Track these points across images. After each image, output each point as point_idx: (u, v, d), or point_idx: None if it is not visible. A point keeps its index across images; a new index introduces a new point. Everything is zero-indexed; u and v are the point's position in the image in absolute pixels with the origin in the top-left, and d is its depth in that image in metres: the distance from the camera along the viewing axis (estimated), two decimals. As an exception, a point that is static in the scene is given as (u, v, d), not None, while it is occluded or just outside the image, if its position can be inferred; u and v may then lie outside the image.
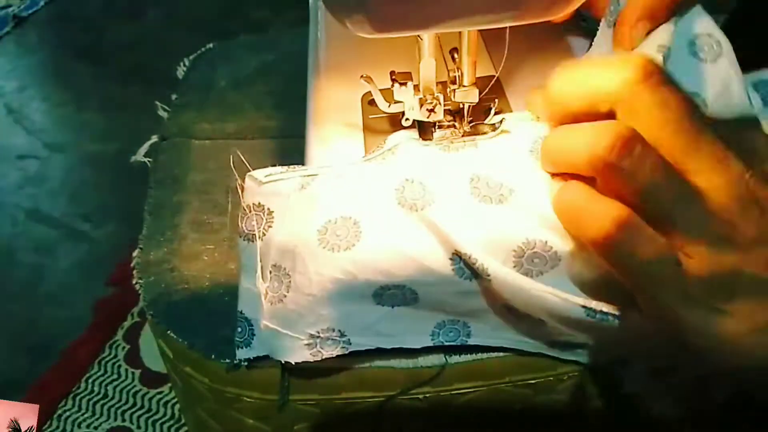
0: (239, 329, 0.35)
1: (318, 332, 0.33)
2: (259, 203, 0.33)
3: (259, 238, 0.33)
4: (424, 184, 0.31)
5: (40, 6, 1.77)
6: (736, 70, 0.35)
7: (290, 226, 0.32)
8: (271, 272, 0.33)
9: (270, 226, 0.33)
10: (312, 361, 0.33)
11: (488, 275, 0.30)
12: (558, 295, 0.30)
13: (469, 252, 0.30)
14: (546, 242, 0.30)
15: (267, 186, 0.33)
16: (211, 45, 0.66)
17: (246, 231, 0.34)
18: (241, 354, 0.36)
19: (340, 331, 0.33)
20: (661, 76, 0.26)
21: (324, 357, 0.33)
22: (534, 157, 0.31)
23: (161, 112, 0.59)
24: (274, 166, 0.35)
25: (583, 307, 0.30)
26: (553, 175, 0.30)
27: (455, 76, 0.33)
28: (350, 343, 0.33)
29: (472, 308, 0.33)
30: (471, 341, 0.34)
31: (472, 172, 0.31)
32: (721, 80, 0.34)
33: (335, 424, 0.38)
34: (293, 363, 0.33)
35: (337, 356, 0.33)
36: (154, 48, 1.56)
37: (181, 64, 0.64)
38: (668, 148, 0.26)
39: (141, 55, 1.55)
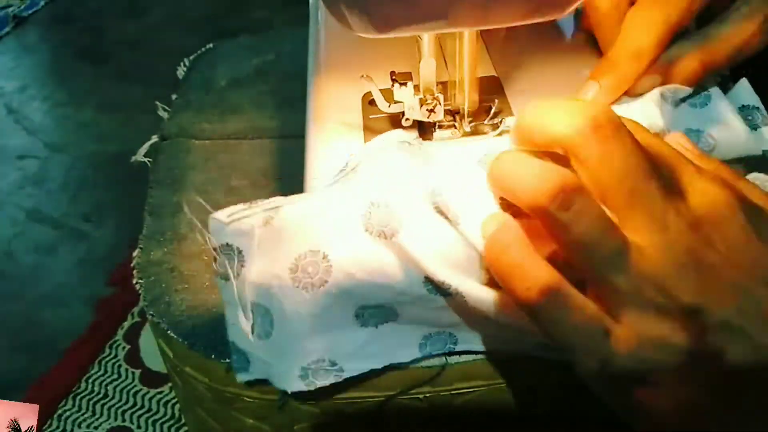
0: (234, 356, 0.35)
1: (309, 364, 0.33)
2: (227, 243, 0.32)
3: (234, 278, 0.33)
4: (390, 206, 0.30)
5: (40, 6, 1.77)
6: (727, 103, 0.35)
7: (261, 264, 0.32)
8: (252, 310, 0.33)
9: (242, 266, 0.32)
10: (307, 390, 0.33)
11: (463, 297, 0.30)
12: None
13: (441, 278, 0.30)
14: None
15: (231, 226, 0.32)
16: (211, 45, 0.66)
17: (220, 271, 0.33)
18: (241, 378, 0.36)
19: (330, 360, 0.33)
20: (610, 130, 0.26)
21: (318, 387, 0.33)
22: (483, 169, 0.30)
23: (161, 112, 0.59)
24: (275, 166, 0.35)
25: None
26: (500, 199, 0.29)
27: (455, 81, 0.33)
28: (343, 371, 0.33)
29: (453, 321, 0.33)
30: (458, 348, 0.35)
31: (433, 189, 0.30)
32: (718, 114, 0.35)
33: (335, 424, 0.38)
34: (289, 392, 0.33)
35: None
36: (154, 48, 1.56)
37: (181, 64, 0.64)
38: (611, 202, 0.26)
39: (141, 55, 1.55)
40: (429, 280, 0.31)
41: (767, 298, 0.25)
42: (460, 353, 0.35)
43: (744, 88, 0.36)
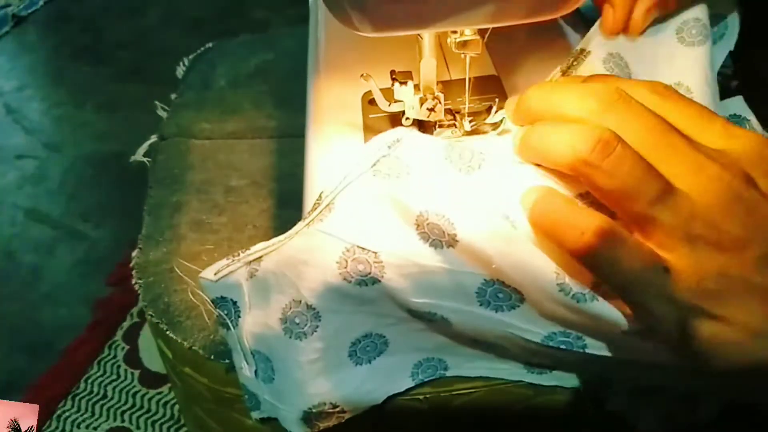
0: (246, 396, 0.37)
1: (311, 408, 0.34)
2: (222, 296, 0.34)
3: (233, 327, 0.34)
4: (368, 248, 0.30)
5: (39, 5, 1.77)
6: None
7: (255, 315, 0.33)
8: (254, 356, 0.34)
9: (239, 316, 0.33)
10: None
11: (449, 321, 0.31)
12: (520, 327, 0.30)
13: (427, 309, 0.30)
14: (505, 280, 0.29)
15: (220, 282, 0.33)
16: (210, 45, 0.66)
17: (220, 321, 0.35)
18: (256, 415, 0.37)
19: (332, 403, 0.34)
20: (622, 103, 0.27)
21: (321, 429, 0.34)
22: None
23: (161, 112, 0.59)
24: (275, 166, 0.34)
25: (547, 336, 0.30)
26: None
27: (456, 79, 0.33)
28: (344, 412, 0.34)
29: (440, 343, 0.34)
30: (449, 373, 0.35)
31: (418, 212, 0.30)
32: (703, 67, 0.35)
33: (336, 424, 0.38)
34: None
35: None
36: (153, 48, 1.56)
37: (181, 63, 0.64)
38: (647, 155, 0.27)
39: (140, 55, 1.55)
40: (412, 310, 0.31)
41: None
42: (451, 378, 0.36)
43: (738, 100, 0.37)
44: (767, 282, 0.26)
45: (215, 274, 0.33)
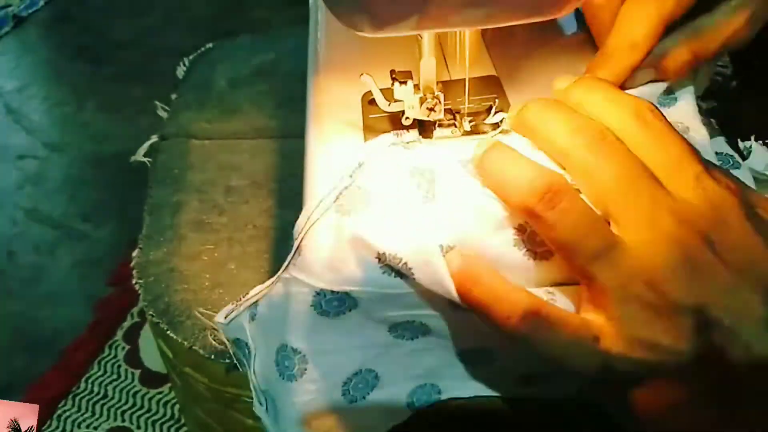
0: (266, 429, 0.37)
1: None
2: (237, 337, 0.35)
3: (249, 367, 0.35)
4: (338, 291, 0.31)
5: (39, 5, 1.77)
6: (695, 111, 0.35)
7: (259, 356, 0.34)
8: (263, 394, 0.35)
9: (251, 356, 0.35)
10: None
11: (428, 327, 0.32)
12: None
13: (404, 319, 0.32)
14: None
15: (231, 325, 0.34)
16: (210, 45, 0.66)
17: (238, 360, 0.36)
18: None
19: None
20: (599, 137, 0.27)
21: None
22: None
23: (161, 112, 0.59)
24: (275, 166, 0.35)
25: None
26: None
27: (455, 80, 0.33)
28: None
29: (430, 367, 0.34)
30: (443, 396, 0.35)
31: (379, 250, 0.30)
32: (683, 115, 0.35)
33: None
34: None
35: None
36: (154, 48, 1.56)
37: (181, 63, 0.64)
38: (604, 203, 0.27)
39: (141, 55, 1.55)
40: (394, 329, 0.32)
41: (763, 303, 0.25)
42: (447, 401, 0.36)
43: (721, 140, 0.37)
44: (701, 351, 0.25)
45: (225, 317, 0.34)
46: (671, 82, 0.35)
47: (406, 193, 0.30)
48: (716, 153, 0.36)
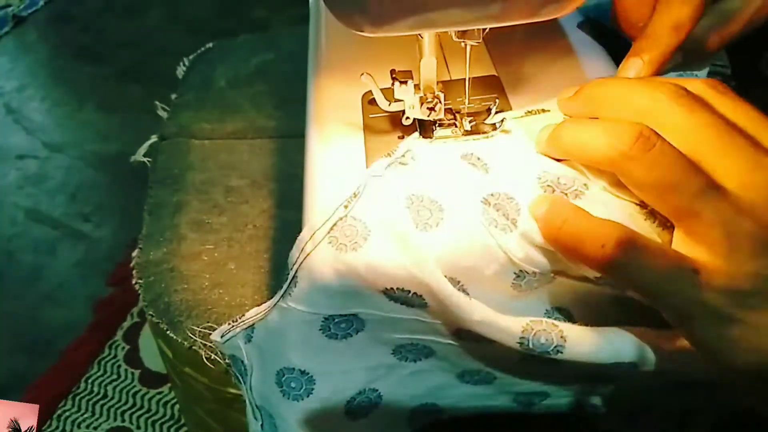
0: None
1: None
2: (233, 355, 0.36)
3: (244, 383, 0.36)
4: (343, 314, 0.32)
5: (39, 6, 1.77)
6: None
7: (257, 374, 0.35)
8: (260, 411, 0.36)
9: (247, 373, 0.35)
10: None
11: (432, 350, 0.33)
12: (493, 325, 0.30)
13: (409, 342, 0.32)
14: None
15: (227, 344, 0.35)
16: (210, 45, 0.66)
17: (234, 376, 0.37)
18: None
19: None
20: (690, 99, 0.27)
21: None
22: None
23: (161, 112, 0.59)
24: (275, 166, 0.35)
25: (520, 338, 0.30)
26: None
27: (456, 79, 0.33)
28: None
29: (431, 387, 0.35)
30: (444, 416, 0.36)
31: (381, 288, 0.31)
32: None
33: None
34: None
35: None
36: (153, 48, 1.56)
37: (181, 63, 0.64)
38: (701, 153, 0.26)
39: (141, 55, 1.55)
40: (398, 350, 0.33)
41: None
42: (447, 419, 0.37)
43: None
44: None
45: (221, 337, 0.35)
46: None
47: (404, 224, 0.30)
48: None
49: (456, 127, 0.34)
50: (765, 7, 0.35)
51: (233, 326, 0.34)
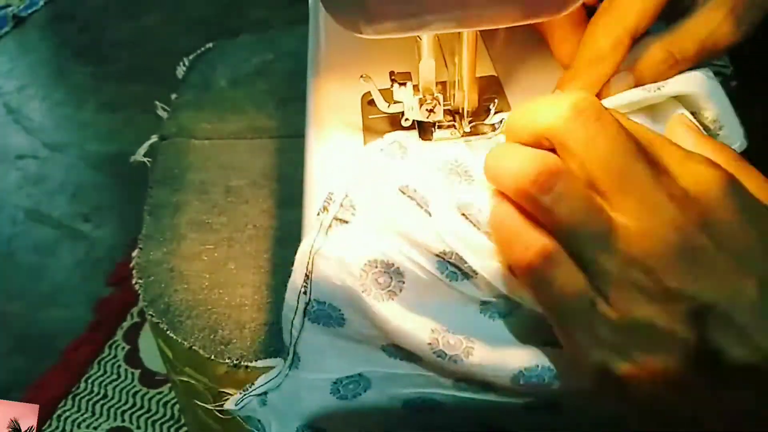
0: None
1: None
2: (248, 416, 0.37)
3: None
4: (351, 375, 0.34)
5: (39, 6, 1.77)
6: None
7: (276, 429, 0.37)
8: None
9: (264, 430, 0.37)
10: None
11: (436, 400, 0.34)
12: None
13: (416, 396, 0.34)
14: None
15: (242, 411, 0.37)
16: (210, 45, 0.66)
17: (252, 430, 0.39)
18: None
19: None
20: (593, 113, 0.26)
21: None
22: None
23: (161, 112, 0.59)
24: (275, 166, 0.35)
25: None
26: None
27: (455, 81, 0.33)
28: None
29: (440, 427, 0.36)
30: None
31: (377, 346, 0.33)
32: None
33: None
34: None
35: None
36: (153, 48, 1.56)
37: (181, 63, 0.64)
38: (600, 186, 0.26)
39: (141, 55, 1.55)
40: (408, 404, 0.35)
41: (757, 289, 0.25)
42: None
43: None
44: (694, 338, 0.25)
45: (236, 405, 0.37)
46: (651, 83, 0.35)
47: (367, 298, 0.31)
48: None
49: (455, 128, 0.34)
50: (722, 27, 0.34)
51: (245, 394, 0.36)
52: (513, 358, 0.31)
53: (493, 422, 0.35)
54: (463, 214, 0.30)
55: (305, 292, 0.32)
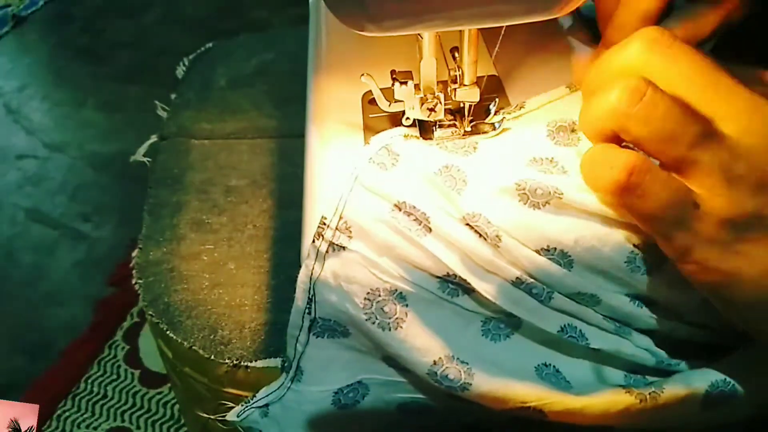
0: None
1: None
2: (250, 426, 0.37)
3: None
4: (365, 382, 0.34)
5: (39, 5, 1.77)
6: None
7: None
8: None
9: None
10: None
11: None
12: None
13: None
14: None
15: (244, 422, 0.37)
16: (210, 45, 0.66)
17: None
18: None
19: None
20: (666, 40, 0.27)
21: None
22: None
23: (161, 112, 0.59)
24: (275, 166, 0.35)
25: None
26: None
27: (456, 75, 0.33)
28: None
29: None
30: None
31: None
32: None
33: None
34: None
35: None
36: (153, 48, 1.56)
37: (181, 63, 0.64)
38: (694, 100, 0.26)
39: (140, 54, 1.55)
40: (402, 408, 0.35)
41: None
42: None
43: None
44: None
45: (238, 416, 0.37)
46: None
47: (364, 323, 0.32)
48: None
49: (456, 127, 0.34)
50: (737, 6, 0.35)
51: (247, 406, 0.36)
52: (511, 393, 0.31)
53: (482, 425, 0.35)
54: (468, 225, 0.30)
55: (309, 313, 0.33)
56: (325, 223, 0.31)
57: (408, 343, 0.31)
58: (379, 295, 0.31)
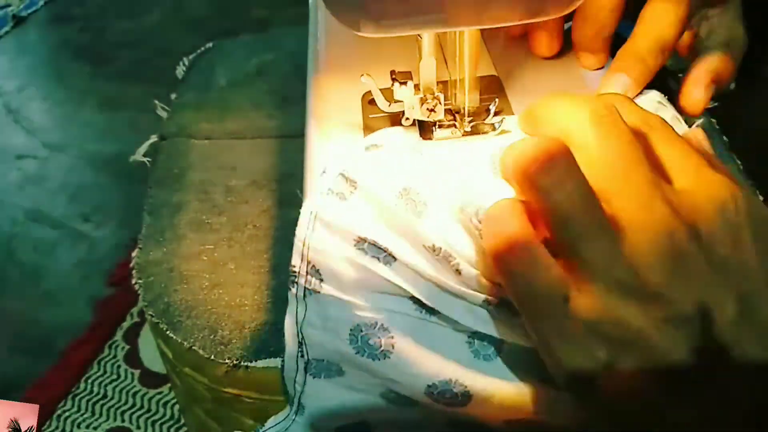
0: None
1: None
2: None
3: None
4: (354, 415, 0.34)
5: (39, 5, 1.77)
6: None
7: None
8: None
9: None
10: None
11: None
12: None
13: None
14: None
15: None
16: (210, 44, 0.66)
17: None
18: None
19: None
20: (611, 120, 0.27)
21: None
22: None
23: (161, 112, 0.59)
24: (275, 166, 0.35)
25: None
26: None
27: (456, 79, 0.33)
28: None
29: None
30: None
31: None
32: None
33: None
34: None
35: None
36: (153, 47, 1.56)
37: (181, 63, 0.64)
38: (601, 183, 0.26)
39: (141, 54, 1.55)
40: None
41: (736, 306, 0.25)
42: None
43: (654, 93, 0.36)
44: (664, 344, 0.25)
45: None
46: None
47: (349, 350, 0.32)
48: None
49: (456, 127, 0.34)
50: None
51: None
52: (515, 402, 0.31)
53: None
54: (431, 252, 0.30)
55: (302, 356, 0.33)
56: (295, 272, 0.31)
57: (400, 369, 0.31)
58: (362, 331, 0.31)
